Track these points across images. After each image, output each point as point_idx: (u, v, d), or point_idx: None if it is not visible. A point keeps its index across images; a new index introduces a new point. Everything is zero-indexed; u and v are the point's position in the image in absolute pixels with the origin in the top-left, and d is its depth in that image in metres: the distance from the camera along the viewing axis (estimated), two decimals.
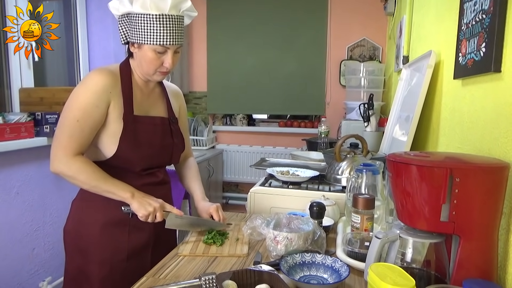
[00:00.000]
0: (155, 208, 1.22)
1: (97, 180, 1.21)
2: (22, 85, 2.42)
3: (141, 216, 1.21)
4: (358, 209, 1.17)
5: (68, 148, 1.19)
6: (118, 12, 1.24)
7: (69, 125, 1.19)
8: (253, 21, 4.05)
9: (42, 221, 2.33)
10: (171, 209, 1.28)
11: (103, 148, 1.25)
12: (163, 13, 1.18)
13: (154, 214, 1.22)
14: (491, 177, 0.81)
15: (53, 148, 1.21)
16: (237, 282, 0.91)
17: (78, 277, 1.30)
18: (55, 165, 1.20)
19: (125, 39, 1.27)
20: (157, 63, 1.24)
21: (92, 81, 1.22)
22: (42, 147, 2.22)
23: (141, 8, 1.18)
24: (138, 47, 1.24)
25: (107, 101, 1.22)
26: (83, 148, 1.22)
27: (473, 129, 1.11)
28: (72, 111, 1.20)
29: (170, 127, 1.39)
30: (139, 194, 1.24)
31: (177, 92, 1.51)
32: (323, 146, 2.69)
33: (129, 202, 1.22)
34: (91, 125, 1.21)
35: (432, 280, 0.87)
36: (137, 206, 1.21)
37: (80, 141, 1.20)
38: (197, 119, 4.07)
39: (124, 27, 1.25)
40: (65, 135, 1.20)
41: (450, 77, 1.30)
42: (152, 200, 1.24)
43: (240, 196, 4.27)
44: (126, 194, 1.22)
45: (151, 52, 1.22)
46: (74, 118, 1.19)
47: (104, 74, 1.23)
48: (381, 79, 3.20)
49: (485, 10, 0.99)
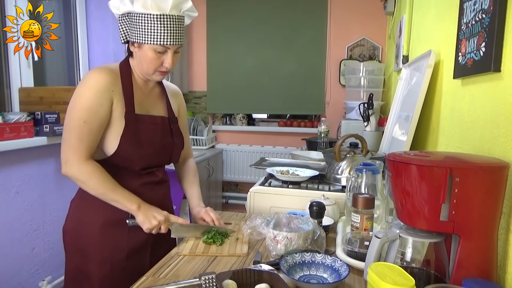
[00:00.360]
0: (159, 221, 1.24)
1: (106, 188, 1.21)
2: (21, 85, 2.42)
3: (146, 229, 1.24)
4: (358, 208, 1.17)
5: (79, 150, 1.19)
6: (119, 11, 1.24)
7: (77, 126, 1.19)
8: (253, 21, 4.05)
9: (42, 220, 2.33)
10: (176, 220, 1.30)
11: (103, 146, 1.25)
12: (164, 13, 1.18)
13: (159, 227, 1.25)
14: (490, 177, 0.81)
15: (64, 151, 1.21)
16: (237, 281, 0.91)
17: (78, 277, 1.30)
18: (67, 168, 1.20)
19: (125, 38, 1.26)
20: (157, 62, 1.24)
21: (93, 80, 1.21)
22: (41, 147, 2.22)
23: (142, 8, 1.18)
24: (138, 47, 1.24)
25: (110, 99, 1.22)
26: (93, 149, 1.22)
27: (472, 128, 1.11)
28: (77, 112, 1.19)
29: (170, 126, 1.39)
30: (145, 206, 1.25)
31: (176, 91, 1.51)
32: (323, 145, 2.69)
33: (135, 214, 1.24)
34: (98, 125, 1.21)
35: (432, 280, 0.87)
36: (142, 219, 1.23)
37: (90, 143, 1.20)
38: (196, 118, 4.07)
39: (124, 26, 1.25)
40: (75, 138, 1.19)
41: (449, 77, 1.30)
42: (157, 213, 1.26)
43: (240, 196, 4.27)
44: (132, 205, 1.23)
45: (151, 51, 1.22)
46: (80, 119, 1.18)
47: (105, 72, 1.23)
48: (380, 79, 3.20)
49: (485, 10, 1.00)
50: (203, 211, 1.40)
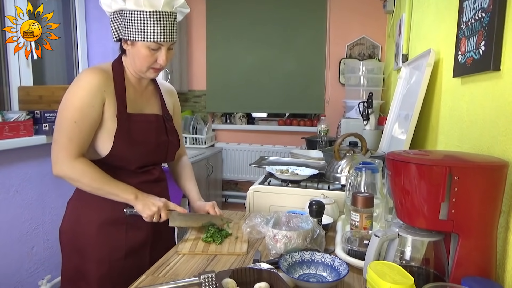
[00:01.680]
0: (159, 207, 1.24)
1: (100, 183, 1.21)
2: (21, 83, 2.41)
3: (146, 216, 1.23)
4: (357, 207, 1.17)
5: (69, 150, 1.18)
6: (111, 9, 1.23)
7: (67, 126, 1.19)
8: (252, 20, 4.05)
9: (41, 219, 2.33)
10: (174, 207, 1.29)
11: (98, 147, 1.25)
12: (156, 9, 1.18)
13: (159, 214, 1.24)
14: (490, 176, 0.81)
15: (54, 151, 1.21)
16: (237, 280, 0.91)
17: (75, 277, 1.30)
18: (57, 168, 1.20)
19: (117, 36, 1.26)
20: (150, 60, 1.23)
21: (84, 80, 1.21)
22: (41, 146, 2.22)
23: (134, 5, 1.17)
24: (131, 44, 1.23)
25: (101, 99, 1.22)
26: (83, 149, 1.22)
27: (472, 127, 1.11)
28: (69, 111, 1.19)
29: (165, 124, 1.38)
30: (142, 195, 1.25)
31: (171, 90, 1.51)
32: (323, 144, 2.69)
33: (133, 203, 1.23)
34: (89, 125, 1.20)
35: (431, 278, 0.88)
36: (142, 207, 1.23)
37: (80, 142, 1.20)
38: (196, 117, 4.07)
39: (116, 24, 1.24)
40: (65, 138, 1.19)
41: (449, 76, 1.30)
42: (155, 200, 1.25)
43: (239, 195, 4.27)
44: (130, 196, 1.23)
45: (145, 49, 1.21)
46: (71, 119, 1.18)
47: (96, 72, 1.22)
48: (380, 78, 3.20)
49: (485, 9, 0.99)
50: (209, 205, 1.39)
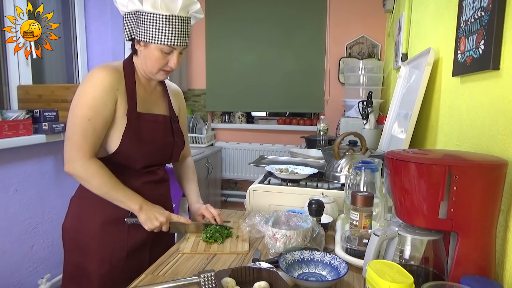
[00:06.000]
0: (161, 223, 1.26)
1: (109, 188, 1.22)
2: (20, 82, 2.41)
3: (147, 228, 1.25)
4: (357, 206, 1.17)
5: (83, 149, 1.19)
6: (127, 9, 1.24)
7: (81, 124, 1.18)
8: (252, 19, 4.05)
9: (41, 218, 2.33)
10: (177, 219, 1.30)
11: (105, 144, 1.25)
12: (172, 14, 1.19)
13: (161, 227, 1.26)
14: (489, 175, 0.81)
15: (67, 148, 1.21)
16: (236, 279, 0.91)
17: (77, 275, 1.30)
18: (70, 166, 1.20)
19: (130, 36, 1.27)
20: (162, 62, 1.25)
21: (98, 78, 1.21)
22: (40, 145, 2.21)
23: (151, 8, 1.18)
24: (144, 45, 1.24)
25: (114, 98, 1.22)
26: (96, 147, 1.22)
27: (471, 126, 1.11)
28: (82, 109, 1.19)
29: (172, 125, 1.39)
30: (147, 207, 1.26)
31: (177, 91, 1.52)
32: (322, 143, 2.69)
33: (137, 213, 1.25)
34: (103, 123, 1.21)
35: (430, 277, 0.88)
36: (144, 219, 1.24)
37: (94, 141, 1.20)
38: (196, 116, 4.07)
39: (130, 24, 1.25)
40: (79, 136, 1.19)
41: (448, 75, 1.30)
42: (159, 213, 1.26)
43: (239, 194, 4.28)
44: (134, 205, 1.24)
45: (158, 51, 1.22)
46: (85, 117, 1.18)
47: (109, 70, 1.23)
48: (380, 77, 3.20)
49: (484, 8, 0.99)
50: (203, 208, 1.41)
